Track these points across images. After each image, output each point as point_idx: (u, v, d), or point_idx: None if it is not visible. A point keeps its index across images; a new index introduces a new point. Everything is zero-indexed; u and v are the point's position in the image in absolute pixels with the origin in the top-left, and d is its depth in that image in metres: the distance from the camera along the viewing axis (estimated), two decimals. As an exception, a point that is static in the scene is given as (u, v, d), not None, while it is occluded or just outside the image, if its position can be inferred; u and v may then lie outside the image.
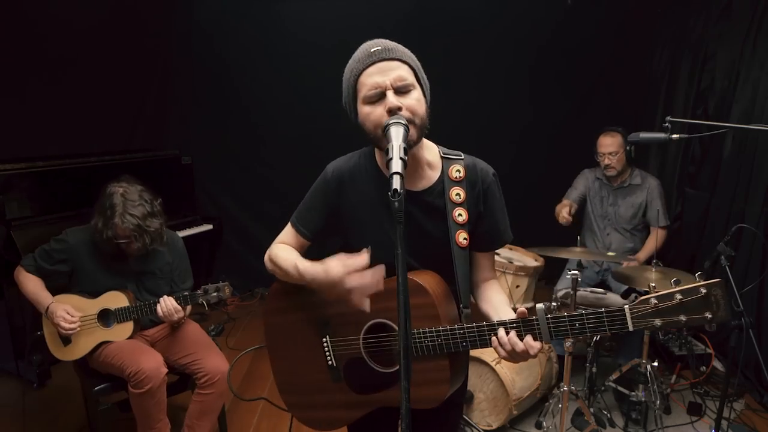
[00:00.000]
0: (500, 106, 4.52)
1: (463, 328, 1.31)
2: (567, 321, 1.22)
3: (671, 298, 1.12)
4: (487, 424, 2.82)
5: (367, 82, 1.29)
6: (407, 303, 1.04)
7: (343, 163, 1.48)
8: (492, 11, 4.33)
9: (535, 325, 1.25)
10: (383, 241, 1.39)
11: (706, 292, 1.10)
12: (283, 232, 1.57)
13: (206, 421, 2.43)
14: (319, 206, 1.48)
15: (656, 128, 3.41)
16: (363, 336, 1.45)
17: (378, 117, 1.28)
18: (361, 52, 1.33)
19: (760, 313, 3.12)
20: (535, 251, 3.22)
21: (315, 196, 1.49)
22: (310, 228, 1.51)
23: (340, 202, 1.46)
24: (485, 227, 1.47)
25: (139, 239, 2.31)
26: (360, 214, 1.44)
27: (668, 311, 1.12)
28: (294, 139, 4.61)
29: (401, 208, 1.05)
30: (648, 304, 1.13)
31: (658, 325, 1.13)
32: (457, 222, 1.40)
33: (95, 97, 3.89)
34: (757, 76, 3.18)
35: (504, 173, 1.49)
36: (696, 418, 2.91)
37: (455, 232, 1.40)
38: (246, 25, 4.47)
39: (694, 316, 1.11)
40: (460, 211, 1.41)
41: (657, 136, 2.07)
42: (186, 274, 2.62)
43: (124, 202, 2.28)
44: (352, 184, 1.45)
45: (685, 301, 1.11)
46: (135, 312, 2.36)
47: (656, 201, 3.38)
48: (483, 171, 1.46)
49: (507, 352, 1.27)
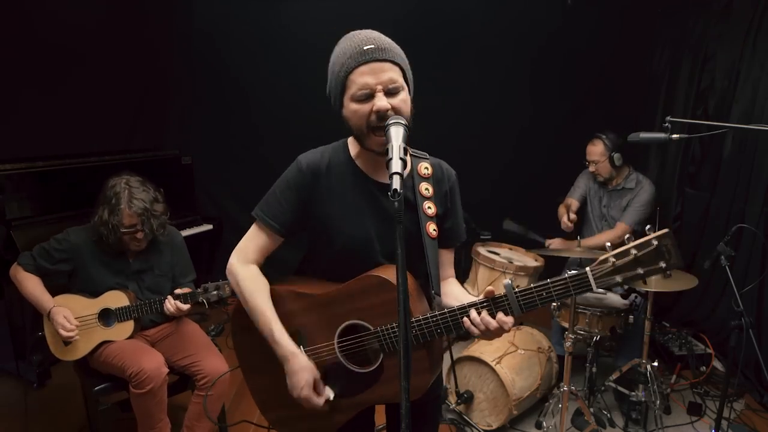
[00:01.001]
0: (500, 106, 4.51)
1: (435, 315, 1.33)
2: (534, 291, 1.26)
3: (627, 254, 1.18)
4: (487, 424, 2.82)
5: (358, 81, 1.29)
6: (407, 303, 1.04)
7: (317, 155, 1.46)
8: (492, 11, 4.33)
9: (504, 301, 1.28)
10: (359, 234, 1.41)
11: (657, 244, 1.15)
12: (247, 234, 1.52)
13: (206, 422, 2.42)
14: (292, 199, 1.44)
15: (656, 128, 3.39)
16: (337, 339, 1.45)
17: (365, 114, 1.30)
18: (352, 47, 1.31)
19: (760, 313, 3.12)
20: (535, 251, 3.22)
21: (287, 189, 1.45)
22: (282, 222, 1.46)
23: (313, 197, 1.43)
24: (449, 224, 1.53)
25: (146, 224, 2.33)
26: (335, 208, 1.43)
27: (626, 267, 1.18)
28: (294, 139, 4.55)
29: (401, 208, 1.06)
30: (607, 263, 1.19)
31: (620, 281, 1.19)
32: (426, 214, 1.44)
33: (95, 97, 3.88)
34: (757, 76, 3.18)
35: (504, 173, 1.51)
36: (696, 418, 2.91)
37: (425, 223, 1.44)
38: (246, 25, 4.47)
39: (650, 267, 1.17)
40: (429, 204, 1.46)
41: (657, 136, 2.07)
42: (187, 268, 2.62)
43: (129, 189, 2.32)
44: (327, 178, 1.43)
45: (640, 255, 1.16)
46: (136, 311, 2.36)
47: (636, 202, 3.32)
48: (448, 171, 1.54)
49: (481, 331, 1.30)
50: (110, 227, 2.29)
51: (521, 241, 3.54)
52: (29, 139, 3.60)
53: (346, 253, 1.43)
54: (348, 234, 1.41)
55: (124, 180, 2.35)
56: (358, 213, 1.42)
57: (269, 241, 1.50)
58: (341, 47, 1.34)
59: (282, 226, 1.46)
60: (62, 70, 3.74)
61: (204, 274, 4.27)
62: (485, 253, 3.25)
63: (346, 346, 1.45)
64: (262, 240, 1.50)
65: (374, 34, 1.34)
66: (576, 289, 1.23)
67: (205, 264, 4.37)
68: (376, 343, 1.40)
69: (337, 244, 1.43)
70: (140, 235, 2.35)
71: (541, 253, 3.20)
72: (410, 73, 1.38)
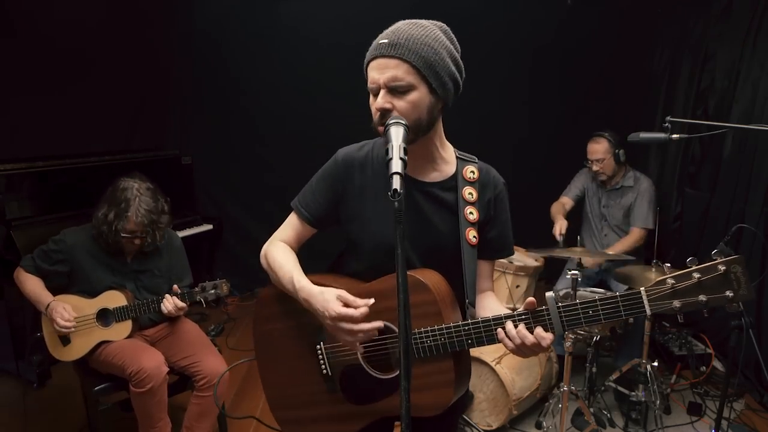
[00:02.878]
0: (499, 107, 4.51)
1: (468, 324, 1.25)
2: (580, 308, 1.15)
3: (689, 278, 1.07)
4: (487, 424, 2.81)
5: (369, 74, 1.28)
6: (407, 303, 1.02)
7: (354, 150, 1.44)
8: (492, 10, 4.33)
9: (545, 315, 1.19)
10: (385, 232, 1.33)
11: (725, 269, 1.06)
12: (286, 221, 1.52)
13: (205, 422, 2.42)
14: (326, 191, 1.43)
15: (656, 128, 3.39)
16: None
17: (374, 109, 1.28)
18: (375, 41, 1.30)
19: (760, 313, 3.12)
20: (535, 251, 3.22)
21: (322, 180, 1.44)
22: (314, 213, 1.45)
23: (346, 189, 1.41)
24: (493, 233, 1.44)
25: (147, 235, 2.34)
26: (364, 204, 1.39)
27: (686, 291, 1.07)
28: (294, 139, 4.61)
29: (401, 208, 1.04)
30: (665, 285, 1.08)
31: (678, 306, 1.08)
32: (468, 220, 1.37)
33: (95, 97, 3.88)
34: (757, 76, 3.18)
35: (503, 173, 1.49)
36: (696, 418, 2.91)
37: (465, 229, 1.37)
38: (246, 25, 4.47)
39: (714, 295, 1.06)
40: (471, 209, 1.38)
41: (657, 136, 2.07)
42: (184, 272, 2.62)
43: (139, 197, 2.32)
44: (362, 172, 1.40)
45: (704, 279, 1.06)
46: (134, 311, 2.36)
47: (642, 202, 3.35)
48: (496, 178, 1.46)
49: (516, 346, 1.21)
50: (113, 229, 2.30)
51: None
52: (29, 139, 3.60)
53: (381, 253, 1.36)
54: (382, 232, 1.35)
55: (136, 186, 2.34)
56: (386, 210, 1.33)
57: (302, 230, 1.48)
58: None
59: (313, 216, 1.45)
60: (62, 70, 3.74)
61: (204, 274, 4.28)
62: (485, 253, 3.25)
63: (369, 349, 1.38)
64: (295, 228, 1.49)
65: (401, 26, 1.30)
66: (627, 311, 1.12)
67: (205, 264, 4.37)
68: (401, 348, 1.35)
69: (371, 242, 1.39)
70: (138, 242, 2.36)
71: (541, 253, 3.20)
72: (440, 69, 1.27)
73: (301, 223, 1.47)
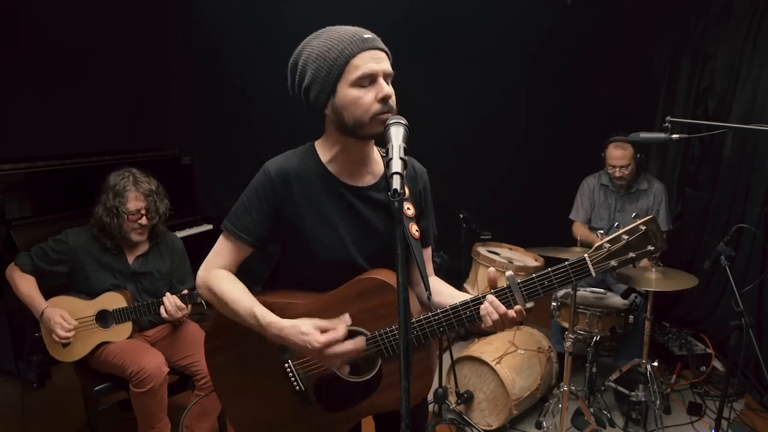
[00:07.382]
0: (499, 107, 4.51)
1: (438, 314, 1.32)
2: (536, 280, 1.28)
3: (619, 240, 1.27)
4: (487, 424, 2.82)
5: (363, 66, 1.27)
6: (407, 302, 1.03)
7: (285, 162, 1.41)
8: (491, 10, 4.33)
9: (507, 292, 1.29)
10: (337, 242, 1.37)
11: (645, 229, 1.25)
12: (216, 248, 1.45)
13: (205, 422, 2.42)
14: (264, 209, 1.37)
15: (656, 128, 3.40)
16: None
17: (368, 103, 1.28)
18: (349, 35, 1.30)
19: (760, 313, 3.12)
20: (535, 251, 3.22)
21: (257, 199, 1.38)
22: (254, 234, 1.39)
23: (285, 205, 1.37)
24: (425, 223, 1.51)
25: (152, 207, 2.36)
26: (309, 217, 1.37)
27: (619, 252, 1.26)
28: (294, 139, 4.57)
29: (401, 208, 1.06)
30: (602, 249, 1.27)
31: (615, 265, 1.27)
32: (407, 215, 1.41)
33: (95, 97, 3.88)
34: (757, 76, 3.19)
35: (504, 173, 1.50)
36: (696, 418, 2.92)
37: (408, 225, 1.40)
38: (247, 25, 4.46)
39: (640, 251, 1.26)
40: (407, 205, 1.43)
41: (657, 136, 2.07)
42: (186, 276, 2.61)
43: (133, 175, 2.39)
44: (298, 184, 1.37)
45: (631, 240, 1.26)
46: (133, 313, 2.35)
47: (661, 206, 3.33)
48: (420, 169, 1.52)
49: (496, 318, 1.27)
50: (115, 211, 2.30)
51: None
52: (29, 139, 3.60)
53: (328, 263, 1.37)
54: (326, 243, 1.37)
55: (126, 170, 2.41)
56: (332, 221, 1.37)
57: (242, 253, 1.43)
58: (332, 36, 1.32)
59: (254, 238, 1.39)
60: (62, 70, 3.74)
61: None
62: (485, 253, 3.25)
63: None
64: (232, 253, 1.43)
65: (358, 28, 1.36)
66: (576, 275, 1.27)
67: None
68: (373, 349, 1.35)
69: (318, 253, 1.37)
70: (144, 220, 2.35)
71: (541, 253, 3.20)
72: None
73: (240, 246, 1.41)
